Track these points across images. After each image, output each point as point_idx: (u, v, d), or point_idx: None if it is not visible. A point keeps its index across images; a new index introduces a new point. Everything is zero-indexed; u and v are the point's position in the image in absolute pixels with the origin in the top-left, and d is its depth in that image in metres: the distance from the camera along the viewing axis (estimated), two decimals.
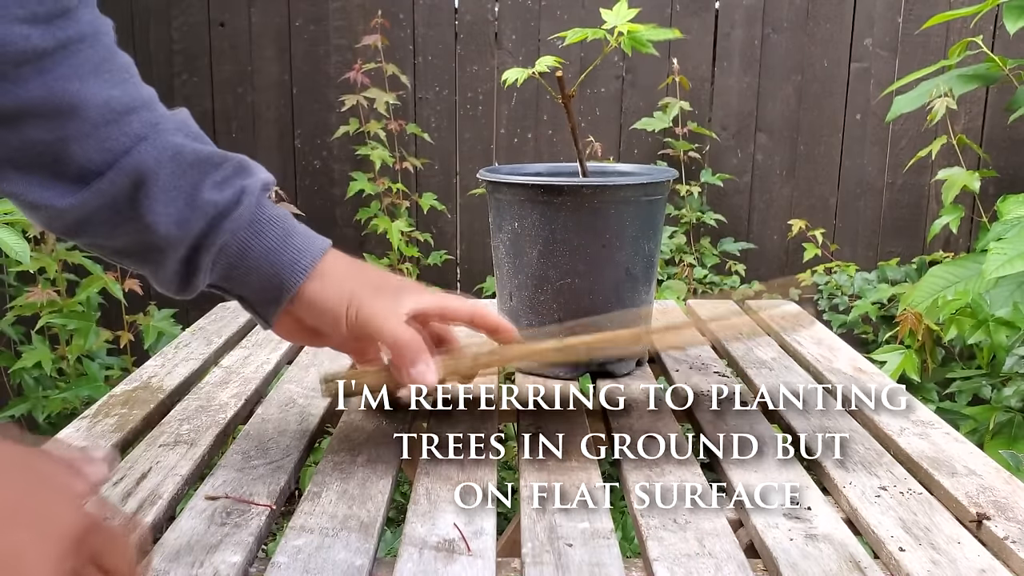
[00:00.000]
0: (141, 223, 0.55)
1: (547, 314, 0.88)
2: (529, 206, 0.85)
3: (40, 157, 0.52)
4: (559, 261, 0.85)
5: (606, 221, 0.84)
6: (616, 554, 0.54)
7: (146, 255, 0.57)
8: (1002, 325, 1.39)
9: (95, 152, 0.52)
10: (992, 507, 0.60)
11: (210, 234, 0.57)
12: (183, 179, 0.55)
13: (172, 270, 0.58)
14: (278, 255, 0.60)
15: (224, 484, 0.64)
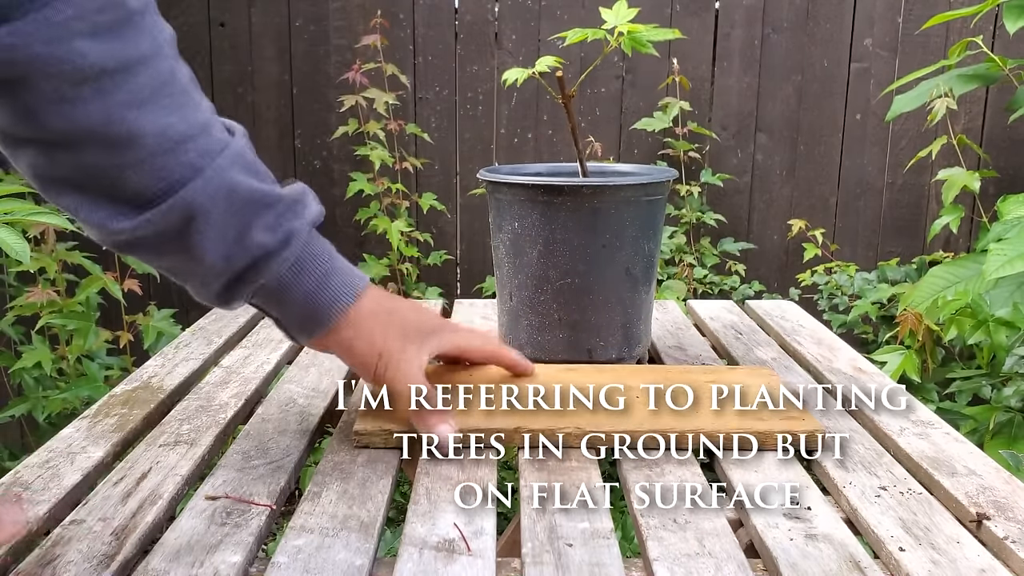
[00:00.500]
0: (189, 253, 0.56)
1: (547, 314, 0.88)
2: (529, 206, 0.85)
3: (95, 180, 0.52)
4: (559, 261, 0.85)
5: (606, 221, 0.84)
6: (616, 554, 0.54)
7: (189, 276, 0.60)
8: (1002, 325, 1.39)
9: (151, 180, 0.53)
10: (992, 507, 0.60)
11: (254, 271, 0.59)
12: (235, 218, 0.57)
13: (213, 291, 0.60)
14: (316, 297, 0.63)
15: (224, 484, 0.64)
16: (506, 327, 0.93)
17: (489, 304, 1.22)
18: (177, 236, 0.55)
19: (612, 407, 0.74)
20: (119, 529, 0.57)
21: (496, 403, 0.75)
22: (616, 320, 0.89)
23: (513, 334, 0.92)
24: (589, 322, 0.88)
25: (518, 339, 0.91)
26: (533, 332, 0.90)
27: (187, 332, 1.07)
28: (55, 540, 0.56)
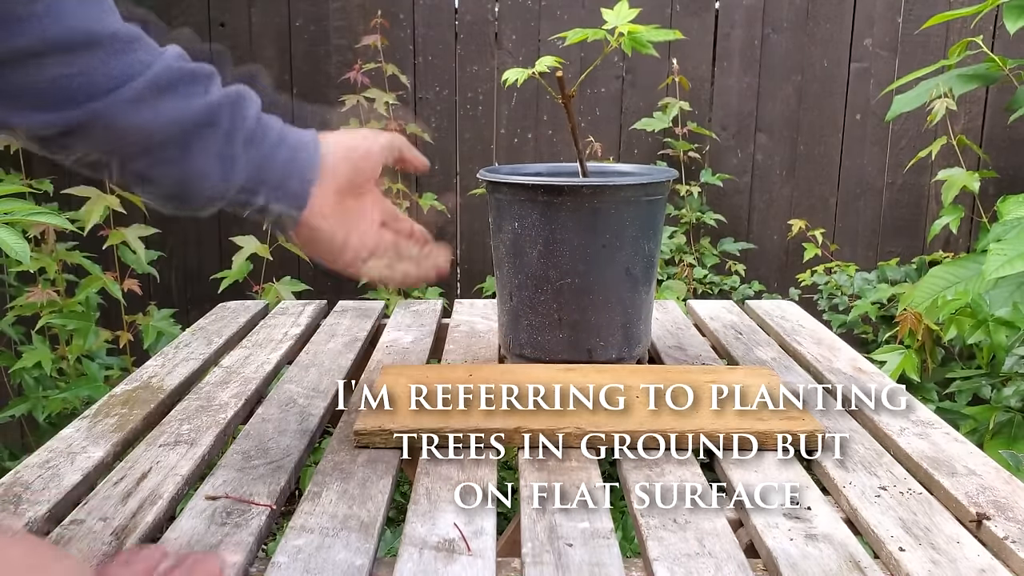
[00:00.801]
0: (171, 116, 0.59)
1: (547, 314, 0.88)
2: (529, 206, 0.85)
3: (65, 91, 0.55)
4: (559, 261, 0.85)
5: (606, 221, 0.84)
6: (616, 554, 0.54)
7: (183, 148, 0.61)
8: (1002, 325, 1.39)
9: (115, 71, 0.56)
10: (992, 507, 0.60)
11: (235, 120, 0.62)
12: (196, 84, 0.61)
13: (209, 164, 0.62)
14: (289, 131, 0.67)
15: (224, 484, 0.64)
16: (507, 327, 0.93)
17: (489, 304, 1.22)
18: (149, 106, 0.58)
19: (612, 407, 0.74)
20: (119, 529, 0.57)
21: (496, 403, 0.75)
22: (616, 320, 0.88)
23: (513, 334, 0.92)
24: (589, 322, 0.88)
25: (518, 339, 0.91)
26: (533, 332, 0.90)
27: (187, 332, 1.07)
28: (55, 540, 0.56)
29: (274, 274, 1.99)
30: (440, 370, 0.86)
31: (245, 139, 0.63)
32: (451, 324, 1.12)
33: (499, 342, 0.97)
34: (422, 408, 0.73)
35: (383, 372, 0.84)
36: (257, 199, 0.66)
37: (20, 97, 0.55)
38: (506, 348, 0.95)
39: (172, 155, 0.61)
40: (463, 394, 0.76)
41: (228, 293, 1.91)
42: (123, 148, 0.59)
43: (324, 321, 1.13)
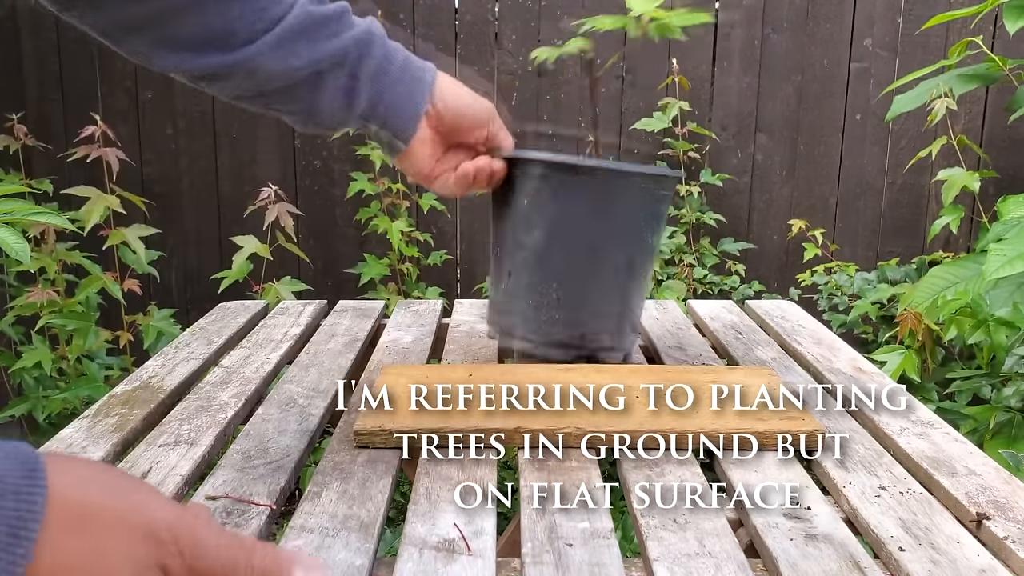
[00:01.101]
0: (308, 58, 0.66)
1: (546, 293, 0.86)
2: (541, 182, 0.84)
3: (211, 37, 0.61)
4: (565, 241, 0.84)
5: (617, 206, 0.84)
6: (616, 554, 0.54)
7: (313, 86, 0.67)
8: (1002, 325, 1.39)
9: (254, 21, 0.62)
10: (992, 507, 0.60)
11: (362, 59, 0.69)
12: (327, 28, 0.67)
13: (334, 98, 0.68)
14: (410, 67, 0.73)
15: (224, 484, 0.64)
16: (500, 304, 0.91)
17: None
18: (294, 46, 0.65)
19: (612, 407, 0.74)
20: None
21: (496, 403, 0.75)
22: (613, 308, 0.88)
23: (507, 313, 0.90)
24: (586, 306, 0.87)
25: (511, 319, 0.89)
26: (529, 311, 0.88)
27: (187, 332, 1.07)
28: None
29: (274, 274, 1.99)
30: (440, 370, 0.86)
31: (369, 76, 0.69)
32: (451, 324, 1.12)
33: (488, 325, 0.95)
34: (422, 408, 0.73)
35: (383, 372, 0.84)
36: (371, 125, 0.72)
37: (181, 43, 0.60)
38: (496, 330, 0.93)
39: (303, 93, 0.67)
40: (463, 394, 0.76)
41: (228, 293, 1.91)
42: (263, 88, 0.65)
43: (324, 321, 1.13)
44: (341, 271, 2.37)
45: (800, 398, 0.77)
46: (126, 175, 2.20)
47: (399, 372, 0.84)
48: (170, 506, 0.34)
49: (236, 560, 0.34)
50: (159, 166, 2.33)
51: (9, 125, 1.93)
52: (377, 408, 0.73)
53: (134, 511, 0.33)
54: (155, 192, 2.33)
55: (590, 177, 0.83)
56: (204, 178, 2.33)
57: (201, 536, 0.34)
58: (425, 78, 0.73)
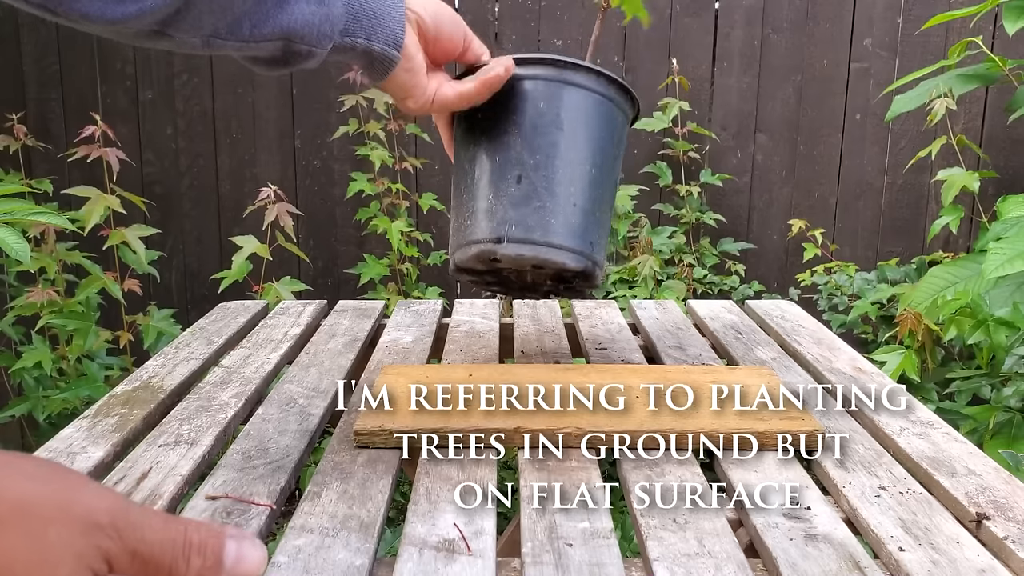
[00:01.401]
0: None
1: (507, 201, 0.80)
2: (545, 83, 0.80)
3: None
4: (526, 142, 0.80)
5: (573, 104, 0.80)
6: (616, 554, 0.54)
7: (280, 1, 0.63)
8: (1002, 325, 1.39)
9: None
10: (991, 507, 0.60)
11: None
12: None
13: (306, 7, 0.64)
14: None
15: (224, 484, 0.64)
16: (459, 223, 0.84)
17: (489, 304, 1.22)
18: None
19: (612, 407, 0.74)
20: None
21: (496, 403, 0.75)
22: (573, 221, 0.80)
23: (465, 225, 0.83)
24: (547, 214, 0.79)
25: (471, 231, 0.82)
26: (486, 222, 0.80)
27: (187, 332, 1.07)
28: None
29: (274, 274, 1.99)
30: (440, 370, 0.86)
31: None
32: (451, 324, 1.12)
33: (450, 252, 0.87)
34: (422, 408, 0.74)
35: (383, 372, 0.84)
36: (357, 39, 0.68)
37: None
38: (456, 248, 0.84)
39: (271, 10, 0.62)
40: (463, 394, 0.76)
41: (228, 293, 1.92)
42: (227, 16, 0.61)
43: (324, 321, 1.14)
44: (341, 271, 2.37)
45: (800, 398, 0.77)
46: (126, 175, 2.20)
47: (399, 372, 0.84)
48: (105, 492, 0.34)
49: (174, 538, 0.35)
50: (159, 166, 2.33)
51: (9, 125, 1.93)
52: (377, 408, 0.74)
53: (72, 501, 0.33)
54: (155, 192, 2.33)
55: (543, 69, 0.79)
56: (204, 178, 2.33)
57: (137, 519, 0.34)
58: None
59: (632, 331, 1.10)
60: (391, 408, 0.74)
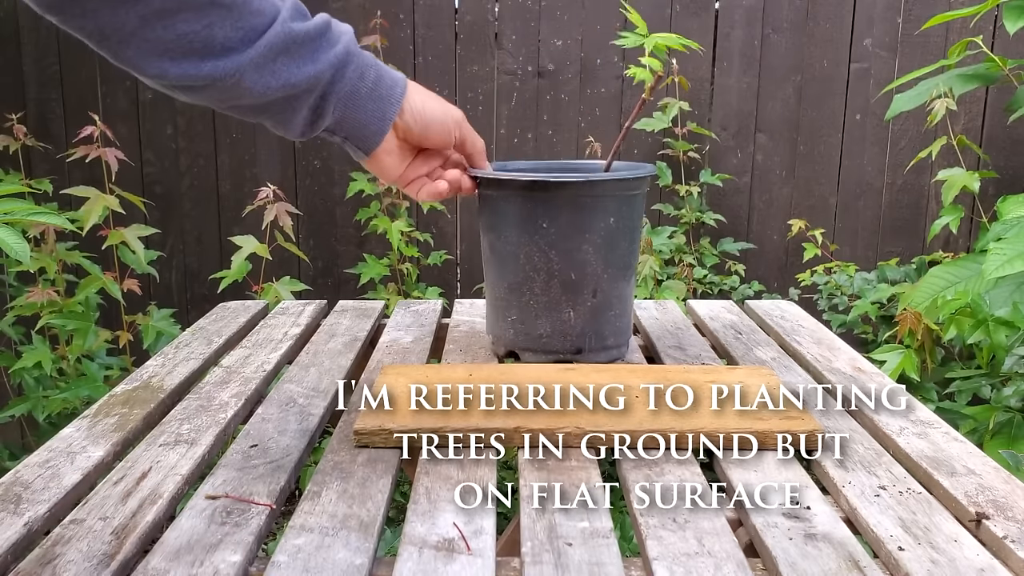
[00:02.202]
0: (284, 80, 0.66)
1: (529, 307, 0.90)
2: (516, 200, 0.87)
3: (191, 44, 0.60)
4: (544, 253, 0.87)
5: (590, 215, 0.86)
6: (615, 553, 0.54)
7: (285, 106, 0.68)
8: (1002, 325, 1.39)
9: (232, 31, 0.62)
10: (991, 506, 0.60)
11: (334, 82, 0.70)
12: (306, 48, 0.67)
13: (302, 116, 0.69)
14: (381, 81, 0.74)
15: (224, 483, 0.64)
16: (491, 319, 0.95)
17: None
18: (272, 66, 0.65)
19: (612, 407, 0.74)
20: (119, 528, 0.57)
21: (496, 403, 0.75)
22: (603, 314, 0.91)
23: (498, 326, 0.94)
24: (571, 314, 0.90)
25: (505, 332, 0.93)
26: (518, 323, 0.91)
27: (187, 332, 1.07)
28: (55, 539, 0.56)
29: (274, 274, 1.99)
30: (440, 370, 0.86)
31: (339, 97, 0.71)
32: (451, 324, 1.12)
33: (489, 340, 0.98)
34: (422, 408, 0.74)
35: (382, 372, 0.84)
36: (335, 136, 0.74)
37: (156, 50, 0.60)
38: (494, 344, 0.97)
39: (274, 110, 0.68)
40: (463, 394, 0.76)
41: (228, 293, 1.92)
42: (237, 103, 0.66)
43: (324, 321, 1.14)
44: (341, 271, 2.37)
45: (800, 398, 0.77)
46: (126, 175, 2.20)
47: (398, 372, 0.84)
48: None
49: None
50: (159, 166, 2.33)
51: (9, 125, 1.93)
52: (377, 408, 0.74)
53: None
54: (155, 192, 2.33)
55: (560, 191, 0.86)
56: (204, 178, 2.33)
57: None
58: (394, 95, 0.74)
59: (632, 331, 1.10)
60: (391, 408, 0.74)
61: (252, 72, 0.63)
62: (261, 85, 0.64)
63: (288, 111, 0.68)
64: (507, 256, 0.90)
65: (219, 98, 0.65)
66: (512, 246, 0.89)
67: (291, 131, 0.71)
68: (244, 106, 0.66)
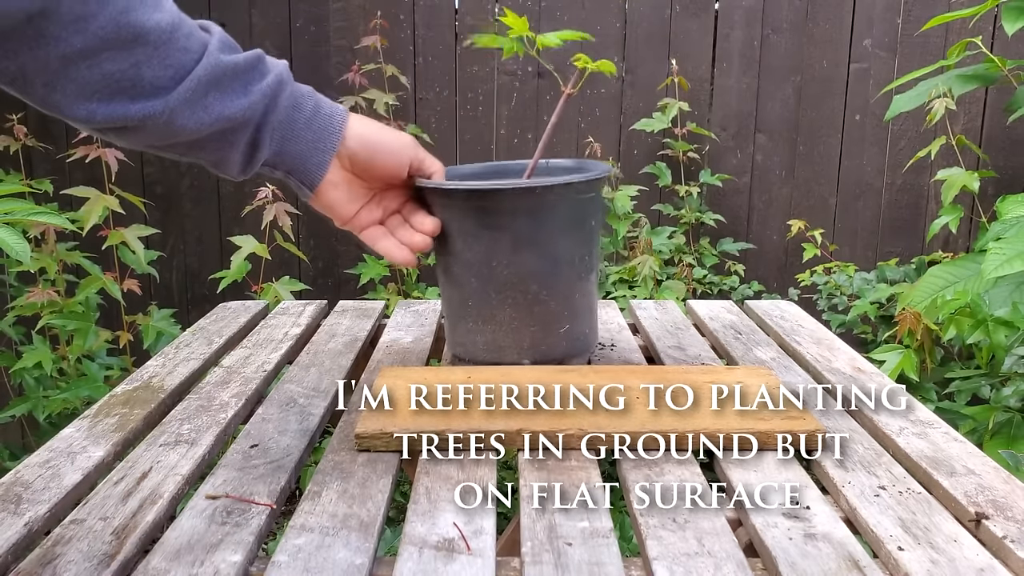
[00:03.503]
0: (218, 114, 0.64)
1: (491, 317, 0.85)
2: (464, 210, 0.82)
3: (119, 84, 0.58)
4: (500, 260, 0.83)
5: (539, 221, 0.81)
6: (615, 553, 0.54)
7: (221, 141, 0.66)
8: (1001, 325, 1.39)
9: (161, 69, 0.60)
10: (991, 506, 0.60)
11: (268, 113, 0.67)
12: (238, 82, 0.66)
13: (239, 152, 0.67)
14: (319, 111, 0.72)
15: (224, 483, 0.64)
16: (449, 331, 0.90)
17: None
18: (203, 101, 0.63)
19: (612, 407, 0.74)
20: (119, 528, 0.57)
21: (496, 403, 0.75)
22: (564, 317, 0.86)
23: (457, 337, 0.89)
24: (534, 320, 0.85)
25: (463, 342, 0.88)
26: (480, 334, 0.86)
27: (187, 332, 1.07)
28: (55, 539, 0.56)
29: (274, 274, 1.99)
30: (439, 371, 0.86)
31: (274, 128, 0.68)
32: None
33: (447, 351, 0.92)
34: (423, 410, 0.74)
35: (382, 373, 0.84)
36: (276, 173, 0.72)
37: (82, 92, 0.58)
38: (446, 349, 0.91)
39: (210, 147, 0.66)
40: (463, 395, 0.76)
41: (228, 293, 1.92)
42: (171, 141, 0.64)
43: (324, 321, 1.14)
44: (341, 271, 2.37)
45: (800, 398, 0.77)
46: (127, 175, 2.20)
47: (397, 374, 0.84)
48: None
49: None
50: (160, 166, 2.33)
51: (9, 125, 1.93)
52: (377, 410, 0.74)
53: None
54: (156, 192, 2.33)
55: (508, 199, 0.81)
56: (204, 178, 2.33)
57: None
58: (332, 125, 0.72)
59: (632, 331, 1.11)
60: (391, 410, 0.74)
61: (184, 108, 0.61)
62: (194, 121, 0.62)
63: (225, 147, 0.66)
64: (459, 268, 0.84)
65: (154, 138, 0.62)
66: (464, 256, 0.83)
67: (230, 169, 0.68)
68: (180, 144, 0.64)
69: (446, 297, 0.89)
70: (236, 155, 0.67)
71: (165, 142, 0.63)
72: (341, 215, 0.77)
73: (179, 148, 0.65)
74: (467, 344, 0.88)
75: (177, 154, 0.66)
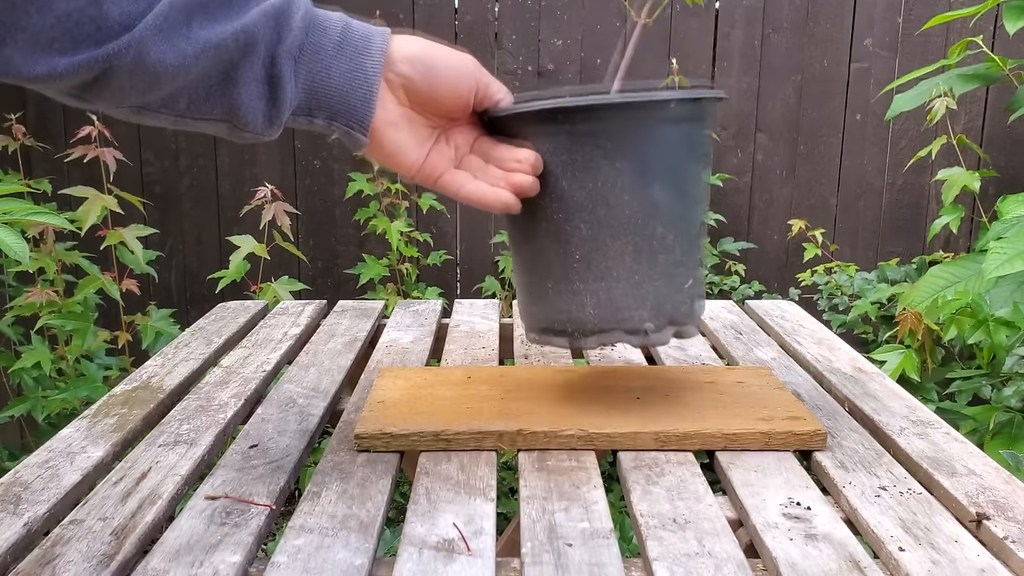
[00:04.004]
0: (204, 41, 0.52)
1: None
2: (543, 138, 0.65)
3: (80, 27, 0.49)
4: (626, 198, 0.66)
5: (635, 150, 0.65)
6: (615, 553, 0.54)
7: (224, 79, 0.54)
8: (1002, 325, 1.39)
9: (129, 3, 0.50)
10: (992, 507, 0.60)
11: (279, 38, 0.54)
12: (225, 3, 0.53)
13: (254, 91, 0.55)
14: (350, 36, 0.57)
15: (224, 484, 0.64)
16: (539, 302, 0.71)
17: (489, 304, 1.22)
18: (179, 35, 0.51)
19: (612, 407, 0.74)
20: (119, 529, 0.57)
21: (496, 403, 0.74)
22: (688, 268, 0.69)
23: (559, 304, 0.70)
24: (657, 272, 0.68)
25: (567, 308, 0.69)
26: (590, 295, 0.68)
27: (187, 332, 1.07)
28: (55, 540, 0.56)
29: (274, 274, 1.99)
30: (439, 371, 0.86)
31: (293, 56, 0.55)
32: (451, 324, 1.12)
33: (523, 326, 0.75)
34: (422, 409, 0.73)
35: (381, 374, 0.84)
36: (315, 119, 0.58)
37: (37, 42, 0.48)
38: (529, 328, 0.73)
39: (215, 92, 0.54)
40: (463, 395, 0.76)
41: (227, 293, 1.92)
42: (163, 92, 0.53)
43: (324, 321, 1.13)
44: (340, 271, 2.37)
45: (801, 398, 0.77)
46: (126, 175, 2.20)
47: (396, 375, 0.84)
48: None
49: None
50: (159, 166, 2.33)
51: (8, 125, 1.93)
52: (377, 411, 0.73)
53: None
54: (155, 192, 2.33)
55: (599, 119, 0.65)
56: (204, 178, 2.33)
57: None
58: (372, 45, 0.57)
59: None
60: (391, 410, 0.73)
61: (158, 39, 0.50)
62: (175, 54, 0.50)
63: (231, 90, 0.54)
64: (563, 213, 0.66)
65: (132, 89, 0.51)
66: (571, 197, 0.66)
67: (252, 119, 0.55)
68: (173, 95, 0.53)
69: (529, 260, 0.70)
70: (251, 99, 0.54)
71: (149, 94, 0.52)
72: (409, 162, 0.61)
73: (177, 104, 0.54)
74: (571, 310, 0.69)
75: (177, 115, 0.55)
